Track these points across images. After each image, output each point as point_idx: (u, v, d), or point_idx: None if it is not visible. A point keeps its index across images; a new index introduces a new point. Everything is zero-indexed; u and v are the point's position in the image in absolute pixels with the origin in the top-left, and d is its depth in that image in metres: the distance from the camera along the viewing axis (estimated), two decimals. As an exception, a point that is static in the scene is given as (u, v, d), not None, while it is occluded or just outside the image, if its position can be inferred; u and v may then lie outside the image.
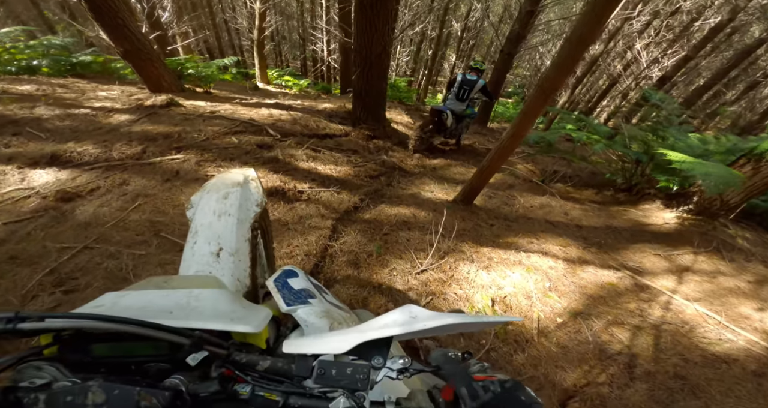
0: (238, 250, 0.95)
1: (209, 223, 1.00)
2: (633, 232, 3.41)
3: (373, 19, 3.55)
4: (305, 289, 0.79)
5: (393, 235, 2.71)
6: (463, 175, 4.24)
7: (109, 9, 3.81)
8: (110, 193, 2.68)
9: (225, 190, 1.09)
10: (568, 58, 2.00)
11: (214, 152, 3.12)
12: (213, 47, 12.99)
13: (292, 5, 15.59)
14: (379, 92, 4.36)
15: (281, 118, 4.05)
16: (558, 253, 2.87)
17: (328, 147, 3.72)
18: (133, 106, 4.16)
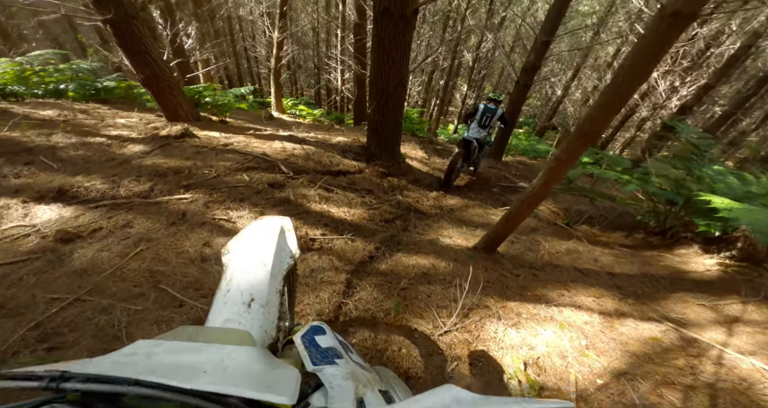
0: (269, 302, 0.95)
1: (244, 272, 1.00)
2: (672, 280, 3.15)
3: (391, 51, 3.49)
4: (332, 348, 0.78)
5: (412, 289, 2.49)
6: (482, 218, 4.04)
7: (133, 35, 3.82)
8: (112, 236, 2.53)
9: (262, 239, 1.10)
10: (615, 96, 1.82)
11: (223, 192, 2.98)
12: (232, 74, 13.36)
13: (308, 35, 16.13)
14: (395, 126, 4.27)
15: (294, 153, 3.94)
16: (592, 306, 2.63)
17: (342, 186, 3.57)
18: (148, 136, 4.10)
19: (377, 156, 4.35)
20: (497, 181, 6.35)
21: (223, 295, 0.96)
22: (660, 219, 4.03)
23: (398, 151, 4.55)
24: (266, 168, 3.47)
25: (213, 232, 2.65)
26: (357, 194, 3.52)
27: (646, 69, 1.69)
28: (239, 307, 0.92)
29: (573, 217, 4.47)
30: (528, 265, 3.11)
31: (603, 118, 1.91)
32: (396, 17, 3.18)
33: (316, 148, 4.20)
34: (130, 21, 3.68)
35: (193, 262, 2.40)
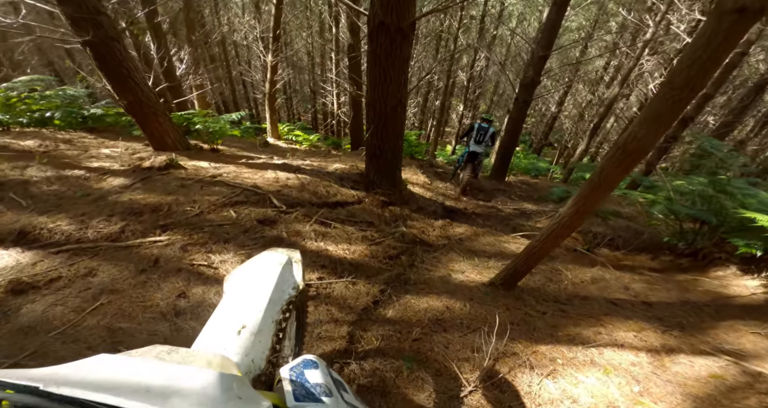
0: (261, 331, 0.91)
1: (241, 298, 0.99)
2: (716, 306, 2.80)
3: (389, 68, 3.24)
4: (322, 385, 0.72)
5: (426, 340, 2.11)
6: (494, 246, 3.70)
7: (114, 58, 3.56)
8: (71, 286, 2.17)
9: (266, 268, 1.09)
10: (667, 109, 1.53)
11: (206, 231, 2.64)
12: (228, 100, 13.31)
13: (303, 59, 16.27)
14: (395, 151, 3.97)
15: (288, 184, 3.63)
16: (635, 343, 2.28)
17: (340, 218, 3.25)
18: (130, 168, 3.80)
19: (377, 184, 4.04)
20: (504, 203, 6.04)
21: (215, 320, 0.93)
22: (688, 239, 3.70)
23: (399, 177, 4.25)
24: (256, 202, 3.15)
25: (190, 280, 2.30)
26: (357, 228, 3.19)
27: (705, 75, 1.41)
28: (228, 332, 0.88)
29: (591, 241, 4.13)
30: (552, 299, 2.75)
31: (651, 135, 1.61)
32: (393, 31, 2.95)
33: (311, 177, 3.89)
34: (110, 43, 3.44)
35: (165, 317, 2.04)
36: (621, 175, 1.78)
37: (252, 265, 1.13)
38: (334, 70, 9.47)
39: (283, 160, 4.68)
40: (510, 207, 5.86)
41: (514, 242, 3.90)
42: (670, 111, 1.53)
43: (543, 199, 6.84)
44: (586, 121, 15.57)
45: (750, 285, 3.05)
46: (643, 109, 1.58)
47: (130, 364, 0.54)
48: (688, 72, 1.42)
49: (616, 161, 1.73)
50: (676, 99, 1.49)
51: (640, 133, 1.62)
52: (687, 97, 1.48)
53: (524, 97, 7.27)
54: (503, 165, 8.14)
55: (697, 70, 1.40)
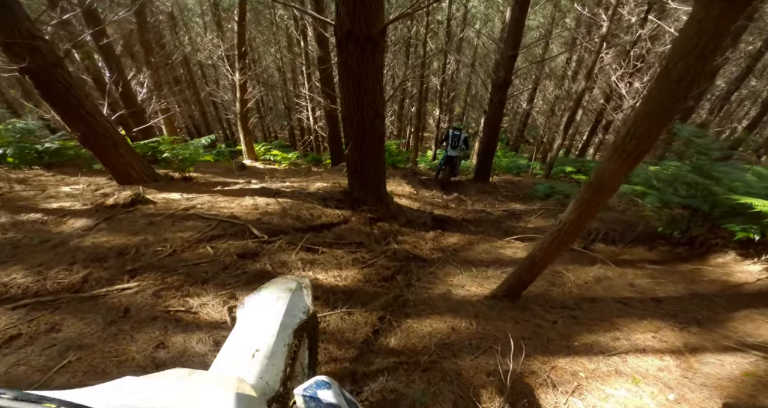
0: (274, 354, 0.94)
1: (253, 323, 1.03)
2: (726, 297, 2.72)
3: (362, 79, 3.10)
4: (335, 405, 0.73)
5: (436, 369, 1.93)
6: (489, 254, 3.57)
7: (58, 85, 3.25)
8: (33, 344, 1.91)
9: (276, 294, 1.16)
10: (665, 104, 1.42)
11: (180, 273, 2.39)
12: (199, 123, 12.92)
13: (274, 76, 16.06)
14: (377, 165, 3.82)
15: (268, 210, 3.41)
16: (656, 345, 2.16)
17: (327, 242, 3.05)
18: (93, 207, 3.50)
19: (362, 200, 3.87)
20: (492, 205, 5.96)
21: (230, 344, 0.97)
22: (682, 228, 3.67)
23: (384, 191, 4.09)
24: (235, 234, 2.92)
25: (168, 329, 2.05)
26: (346, 250, 3.00)
27: (704, 63, 1.30)
28: (243, 355, 0.91)
29: (587, 237, 4.05)
30: (560, 305, 2.63)
31: (651, 131, 1.50)
32: (362, 40, 2.82)
33: (293, 200, 3.68)
34: (52, 70, 3.15)
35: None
36: (623, 175, 1.67)
37: (263, 292, 1.19)
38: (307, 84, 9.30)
39: (262, 184, 4.45)
40: (498, 209, 5.79)
41: (510, 247, 3.79)
42: (670, 104, 1.42)
43: (529, 197, 6.81)
44: (557, 115, 15.93)
45: (752, 270, 3.01)
46: (638, 105, 1.47)
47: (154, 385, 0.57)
48: (685, 62, 1.32)
49: (617, 161, 1.62)
50: (674, 91, 1.39)
51: (640, 130, 1.51)
52: (686, 88, 1.38)
53: (499, 97, 7.28)
54: (485, 166, 8.11)
55: (695, 59, 1.30)
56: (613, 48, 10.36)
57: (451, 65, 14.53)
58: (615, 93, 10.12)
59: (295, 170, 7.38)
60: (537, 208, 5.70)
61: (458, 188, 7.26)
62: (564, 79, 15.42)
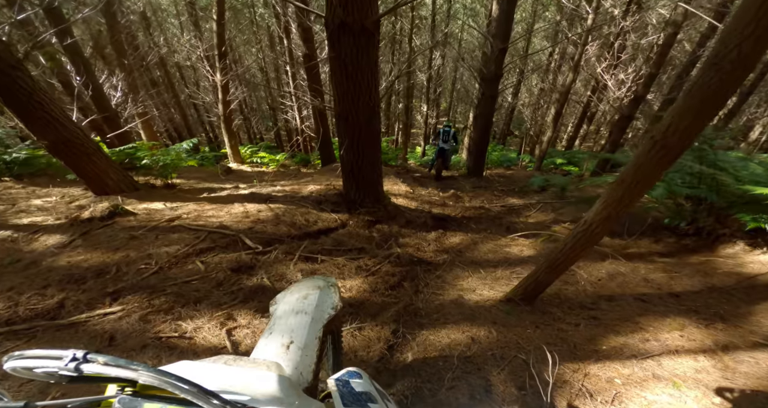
0: (307, 346, 0.99)
1: (287, 317, 1.09)
2: (743, 289, 2.64)
3: (356, 75, 2.91)
4: (367, 393, 0.76)
5: (461, 387, 1.76)
6: (495, 253, 3.43)
7: (19, 90, 2.94)
8: (9, 379, 1.67)
9: (306, 292, 1.22)
10: (714, 96, 1.28)
11: (169, 294, 2.16)
12: (180, 126, 12.46)
13: (257, 76, 15.63)
14: (374, 165, 3.63)
15: (260, 217, 3.18)
16: (686, 345, 2.04)
17: (327, 249, 2.85)
18: (67, 221, 3.22)
19: (359, 202, 3.68)
20: (489, 201, 5.84)
21: (266, 337, 1.03)
22: (688, 219, 3.59)
23: (381, 191, 3.91)
24: (226, 245, 2.69)
25: (161, 357, 1.83)
26: (347, 257, 2.80)
27: (760, 48, 1.16)
28: (278, 348, 0.97)
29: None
30: (578, 306, 2.49)
31: (695, 125, 1.36)
32: (356, 31, 2.62)
33: (285, 206, 3.46)
34: (10, 73, 2.85)
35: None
36: (660, 172, 1.53)
37: (293, 290, 1.25)
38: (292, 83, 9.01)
39: (251, 189, 4.21)
40: (497, 204, 5.67)
41: (515, 244, 3.66)
42: (719, 96, 1.28)
43: (524, 191, 6.73)
44: (543, 107, 16.03)
45: (764, 260, 2.94)
46: (680, 98, 1.31)
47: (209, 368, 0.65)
48: (741, 49, 1.17)
49: (655, 158, 1.47)
50: (726, 82, 1.24)
51: (682, 124, 1.37)
52: (739, 77, 1.24)
53: (490, 91, 7.17)
54: (479, 161, 8.02)
55: (752, 45, 1.15)
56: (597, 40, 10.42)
57: (437, 61, 14.40)
58: (600, 84, 10.17)
59: (284, 172, 7.12)
60: (535, 202, 5.61)
61: (454, 184, 7.13)
62: (548, 72, 15.51)
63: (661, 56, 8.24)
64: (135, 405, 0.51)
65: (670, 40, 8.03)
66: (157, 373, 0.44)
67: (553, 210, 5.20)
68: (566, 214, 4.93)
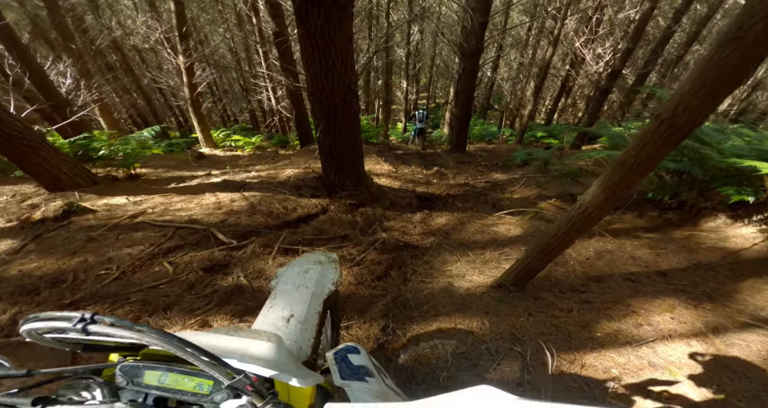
0: (306, 320, 0.99)
1: (288, 291, 1.10)
2: (728, 265, 2.63)
3: (329, 51, 2.65)
4: (364, 367, 0.77)
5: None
6: (483, 233, 3.33)
7: None
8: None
9: (307, 266, 1.22)
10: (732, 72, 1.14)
11: (134, 302, 1.95)
12: (146, 112, 11.69)
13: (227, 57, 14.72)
14: (353, 145, 3.41)
15: (234, 208, 2.96)
16: (678, 328, 2.00)
17: (307, 239, 2.68)
18: (18, 223, 2.92)
19: (339, 185, 3.48)
20: (474, 177, 5.74)
21: (266, 310, 1.04)
22: (671, 193, 3.57)
23: (363, 173, 3.71)
24: (197, 242, 2.47)
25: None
26: (330, 246, 2.64)
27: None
28: (279, 321, 0.97)
29: (577, 207, 3.89)
30: (568, 288, 2.43)
31: (708, 103, 1.22)
32: (326, 4, 2.35)
33: (261, 193, 3.24)
34: None
35: None
36: (666, 152, 1.39)
37: (295, 265, 1.25)
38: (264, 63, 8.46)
39: (224, 176, 3.93)
40: (481, 180, 5.57)
41: (502, 223, 3.57)
42: (737, 73, 1.13)
43: (507, 166, 6.67)
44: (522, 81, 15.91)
45: (745, 233, 2.93)
46: (690, 74, 1.16)
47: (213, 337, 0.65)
48: (765, 23, 1.01)
49: (662, 137, 1.33)
50: (747, 57, 1.09)
51: (694, 102, 1.22)
52: (763, 53, 1.09)
53: (471, 66, 6.92)
54: (461, 136, 7.85)
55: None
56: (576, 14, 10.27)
57: (416, 36, 13.88)
58: (579, 58, 10.10)
59: (260, 155, 6.78)
60: (519, 177, 5.54)
61: (437, 161, 6.98)
62: (527, 47, 15.30)
63: (638, 31, 8.20)
64: (137, 371, 0.52)
65: (647, 14, 7.98)
66: (162, 334, 0.44)
67: (537, 185, 5.14)
68: (550, 189, 4.87)
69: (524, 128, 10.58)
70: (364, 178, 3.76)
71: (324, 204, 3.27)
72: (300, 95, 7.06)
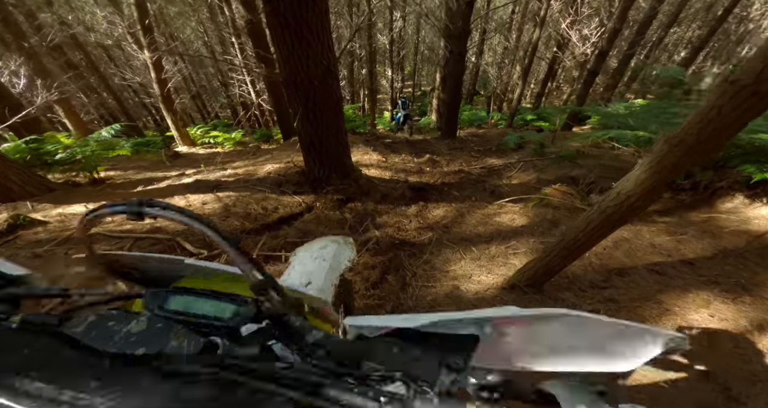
0: (323, 290, 0.99)
1: (305, 262, 1.13)
2: (756, 251, 2.39)
3: (301, 28, 2.31)
4: None
5: None
6: (486, 225, 3.04)
7: None
8: None
9: (324, 243, 1.27)
10: None
11: (76, 332, 1.62)
12: (117, 111, 11.06)
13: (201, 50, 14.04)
14: (336, 135, 3.08)
15: (205, 211, 2.61)
16: (719, 326, 1.76)
17: (291, 242, 2.36)
18: (-40, 241, 2.52)
19: (325, 180, 3.15)
20: (468, 164, 5.45)
21: (283, 278, 1.07)
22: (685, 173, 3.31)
23: (350, 164, 3.38)
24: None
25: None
26: (317, 250, 2.32)
27: None
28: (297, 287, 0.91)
29: (584, 190, 3.63)
30: (589, 285, 2.17)
31: None
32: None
33: (237, 193, 2.89)
34: None
35: None
36: (740, 127, 1.08)
37: (314, 242, 1.30)
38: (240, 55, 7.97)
39: (197, 176, 3.56)
40: (476, 167, 5.29)
41: (504, 212, 3.28)
42: None
43: (501, 150, 6.41)
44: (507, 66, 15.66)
45: (766, 214, 2.70)
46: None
47: None
48: None
49: (739, 109, 1.02)
50: None
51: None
52: None
53: (458, 48, 6.57)
54: (451, 122, 7.55)
55: None
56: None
57: (398, 22, 13.41)
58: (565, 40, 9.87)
59: (241, 151, 6.38)
60: (515, 161, 5.27)
61: (428, 148, 6.67)
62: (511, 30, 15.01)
63: (624, 11, 7.99)
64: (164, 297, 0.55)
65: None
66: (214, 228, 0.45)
67: (535, 168, 4.88)
68: (549, 173, 4.61)
69: (514, 112, 10.31)
70: (352, 170, 3.43)
71: (309, 201, 2.94)
72: (277, 84, 6.63)
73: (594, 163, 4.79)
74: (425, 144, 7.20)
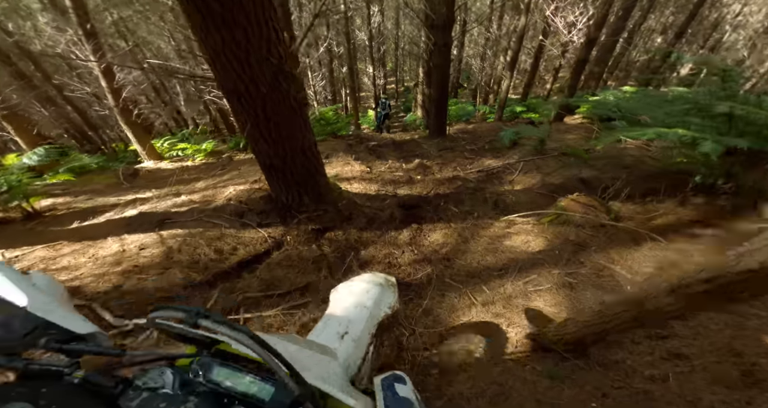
0: (360, 339, 0.99)
1: (346, 309, 1.11)
2: None
3: (231, 15, 1.69)
4: (408, 399, 0.73)
5: None
6: (495, 252, 2.51)
7: None
8: None
9: (366, 286, 1.23)
10: None
11: None
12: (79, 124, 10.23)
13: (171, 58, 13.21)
14: (303, 149, 2.45)
15: (140, 261, 2.02)
16: None
17: (251, 299, 1.80)
18: None
19: (295, 206, 2.59)
20: (462, 167, 4.94)
21: (324, 322, 1.06)
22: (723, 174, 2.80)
23: (325, 183, 2.80)
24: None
25: None
26: (286, 308, 1.77)
27: None
28: (333, 336, 0.98)
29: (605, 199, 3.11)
30: (644, 335, 1.65)
31: None
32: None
33: (187, 230, 2.31)
34: None
35: None
36: None
37: (356, 283, 1.27)
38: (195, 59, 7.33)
39: (143, 206, 2.95)
40: (472, 170, 4.78)
41: (515, 232, 2.76)
42: None
43: (497, 148, 5.91)
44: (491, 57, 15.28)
45: None
46: None
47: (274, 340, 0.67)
48: None
49: None
50: None
51: None
52: None
53: (443, 39, 6.03)
54: (440, 120, 7.02)
55: None
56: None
57: (376, 17, 12.83)
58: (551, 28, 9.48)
59: (210, 165, 5.76)
60: (514, 162, 4.78)
61: (417, 150, 6.14)
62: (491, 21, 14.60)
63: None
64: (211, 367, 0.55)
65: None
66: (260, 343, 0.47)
67: (538, 169, 4.39)
68: (555, 174, 4.13)
69: (503, 104, 9.86)
70: (328, 191, 2.86)
71: (277, 235, 2.38)
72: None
73: (604, 162, 4.34)
74: (413, 145, 6.66)
